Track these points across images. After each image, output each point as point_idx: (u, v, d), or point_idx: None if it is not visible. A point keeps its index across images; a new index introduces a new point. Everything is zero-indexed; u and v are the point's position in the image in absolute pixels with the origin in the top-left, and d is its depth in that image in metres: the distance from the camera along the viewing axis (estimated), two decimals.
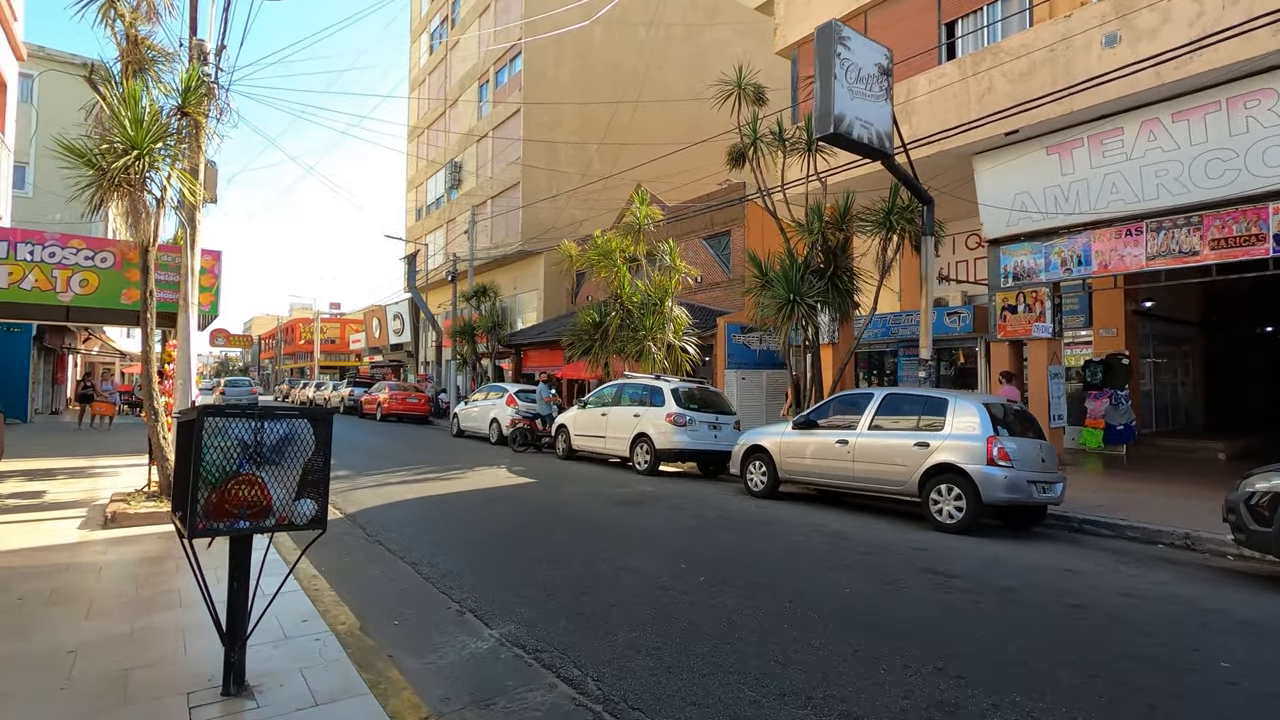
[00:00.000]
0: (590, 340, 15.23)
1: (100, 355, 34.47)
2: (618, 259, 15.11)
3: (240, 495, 2.96)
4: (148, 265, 7.79)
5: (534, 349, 22.61)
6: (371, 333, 46.59)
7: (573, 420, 13.14)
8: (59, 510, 7.42)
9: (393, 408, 24.34)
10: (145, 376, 7.73)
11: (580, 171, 28.23)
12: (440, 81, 36.00)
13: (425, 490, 9.52)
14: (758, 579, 5.39)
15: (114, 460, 11.85)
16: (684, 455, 11.14)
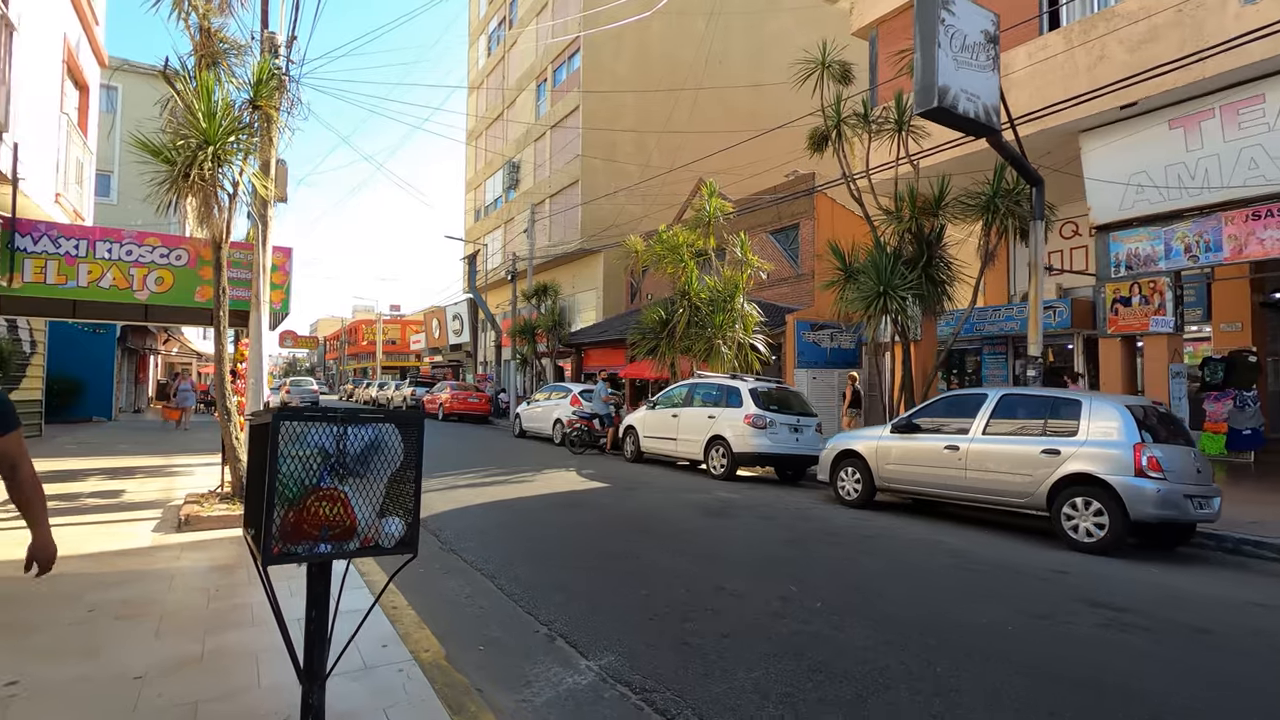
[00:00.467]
0: (656, 339, 14.69)
1: (179, 356, 35.96)
2: (685, 254, 14.52)
3: (321, 513, 2.50)
4: (220, 262, 7.63)
5: (595, 348, 22.24)
6: (431, 333, 47.28)
7: (641, 422, 12.62)
8: (135, 511, 7.32)
9: (454, 407, 24.38)
10: (217, 376, 7.57)
11: (639, 168, 27.77)
12: (498, 83, 36.14)
13: (495, 494, 9.14)
14: (885, 607, 4.71)
15: (190, 459, 11.95)
16: (763, 459, 10.46)
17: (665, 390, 12.80)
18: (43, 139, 8.44)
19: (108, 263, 7.74)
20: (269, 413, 2.52)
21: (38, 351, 15.75)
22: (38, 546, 2.84)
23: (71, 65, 9.79)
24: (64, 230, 7.60)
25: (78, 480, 9.32)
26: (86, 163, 10.28)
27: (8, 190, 7.24)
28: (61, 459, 11.48)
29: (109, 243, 7.76)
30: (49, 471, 9.93)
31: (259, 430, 2.82)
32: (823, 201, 18.89)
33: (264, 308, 8.36)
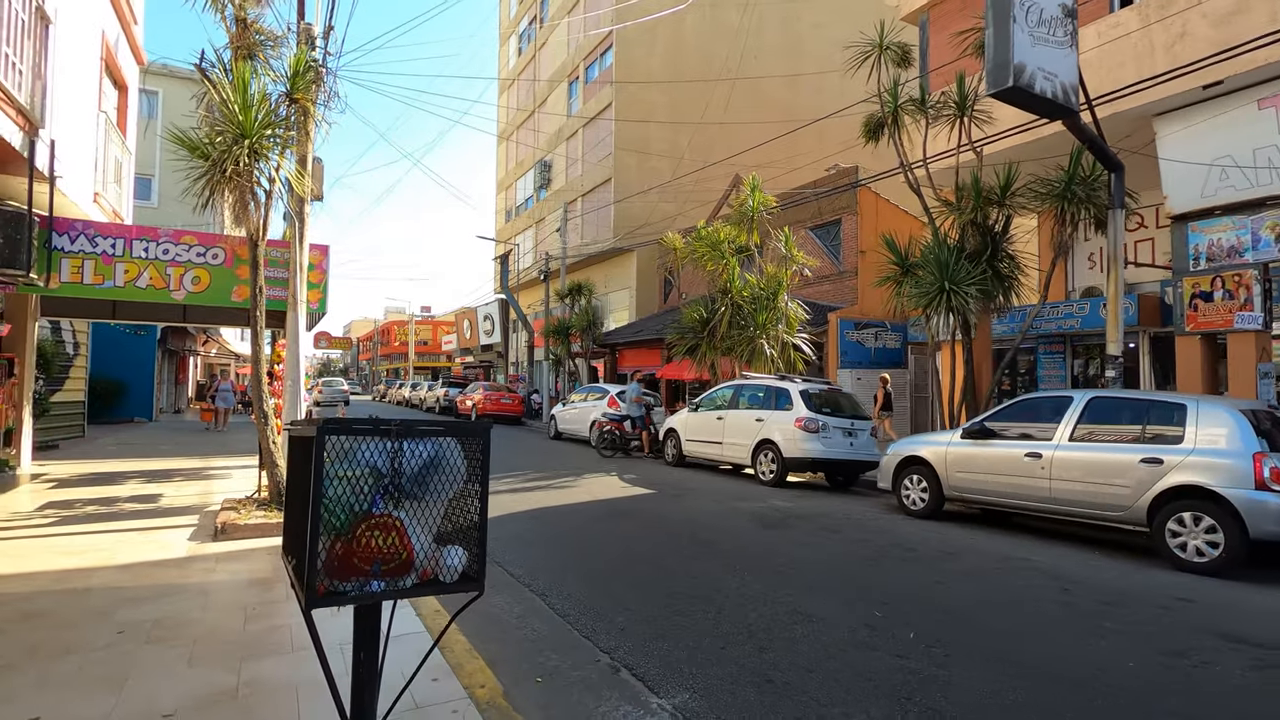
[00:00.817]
0: (696, 338, 14.21)
1: (217, 357, 36.51)
2: (726, 250, 14.03)
3: (373, 544, 2.11)
4: (257, 260, 7.39)
5: (629, 348, 21.84)
6: (463, 334, 47.43)
7: (684, 424, 12.16)
8: (171, 517, 7.10)
9: (487, 408, 24.18)
10: (254, 378, 7.32)
11: (672, 165, 27.32)
12: (529, 82, 35.99)
13: (537, 501, 8.77)
14: (993, 642, 4.19)
15: (228, 461, 11.83)
16: (816, 465, 9.93)
17: (708, 392, 12.32)
18: (81, 137, 8.31)
19: (144, 262, 7.55)
20: (312, 424, 2.14)
21: (80, 353, 15.88)
22: None
23: (110, 64, 9.69)
24: (100, 229, 7.43)
25: (117, 483, 9.19)
26: (125, 163, 10.18)
27: (45, 189, 7.08)
28: (102, 460, 11.45)
29: (145, 241, 7.57)
30: (90, 474, 9.85)
31: (300, 444, 2.45)
32: (866, 196, 18.23)
33: (301, 307, 8.11)
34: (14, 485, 8.89)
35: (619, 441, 13.80)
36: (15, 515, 7.02)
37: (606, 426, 13.89)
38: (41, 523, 6.70)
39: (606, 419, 14.04)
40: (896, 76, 10.63)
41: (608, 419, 14.02)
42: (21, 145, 6.30)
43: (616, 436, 13.81)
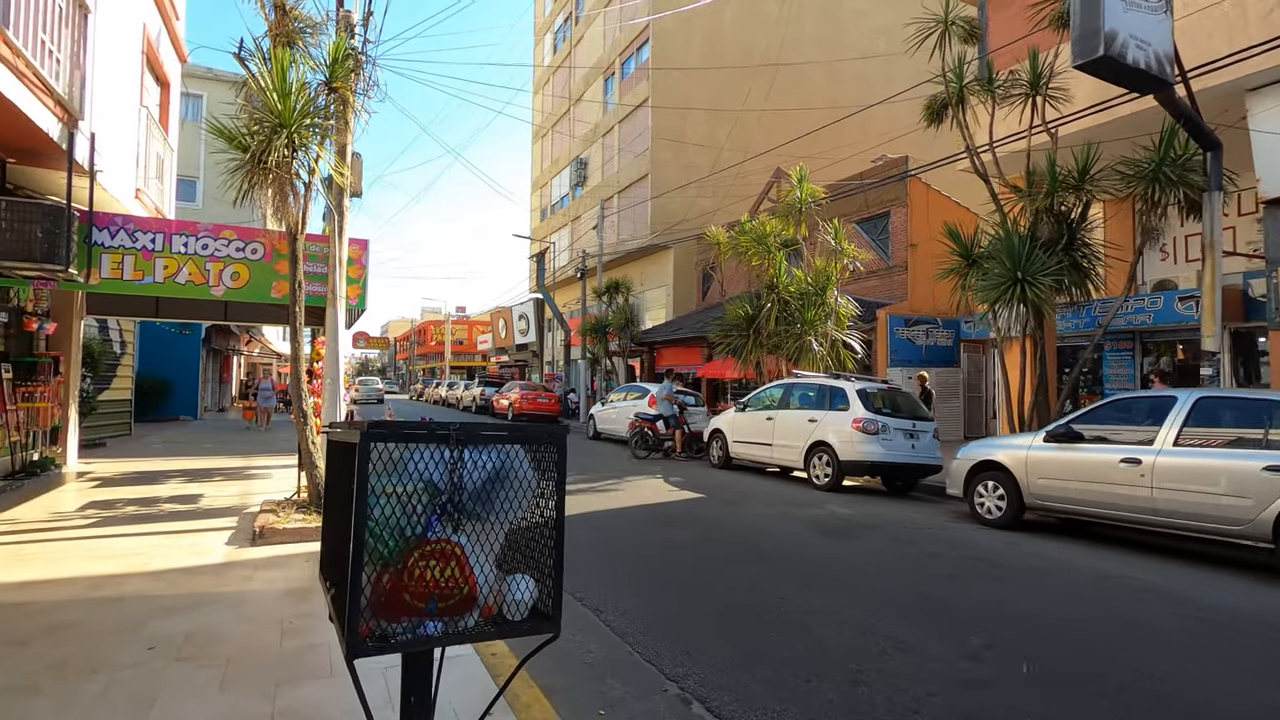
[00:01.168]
0: (741, 336, 13.70)
1: (260, 356, 37.13)
2: (772, 244, 13.49)
3: (428, 576, 1.72)
4: (296, 254, 7.15)
5: (667, 347, 21.39)
6: (498, 333, 47.55)
7: (731, 425, 11.67)
8: (209, 520, 6.89)
9: (524, 408, 23.98)
10: (293, 376, 7.08)
11: (710, 160, 26.78)
12: (564, 79, 35.79)
13: (582, 505, 8.40)
14: (1139, 680, 3.62)
15: (268, 460, 11.73)
16: (875, 469, 9.35)
17: (757, 391, 11.81)
18: (122, 132, 8.20)
19: (184, 257, 7.39)
20: (354, 428, 1.75)
21: (127, 352, 16.08)
22: None
23: (151, 58, 9.62)
24: (140, 223, 7.28)
25: (158, 483, 9.10)
26: (167, 160, 10.10)
27: (85, 183, 6.94)
28: (146, 459, 11.44)
29: (185, 236, 7.40)
30: (133, 473, 9.80)
31: (339, 451, 2.07)
32: (916, 187, 17.49)
33: (340, 303, 7.87)
34: (59, 484, 8.85)
35: (652, 442, 13.30)
36: (56, 516, 6.89)
37: (639, 426, 13.41)
38: (80, 524, 6.55)
39: (640, 419, 13.55)
40: (962, 54, 9.95)
41: (641, 419, 13.52)
42: (60, 137, 6.14)
43: (649, 437, 13.32)
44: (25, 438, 9.13)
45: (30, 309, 9.38)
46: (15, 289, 8.93)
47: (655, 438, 13.28)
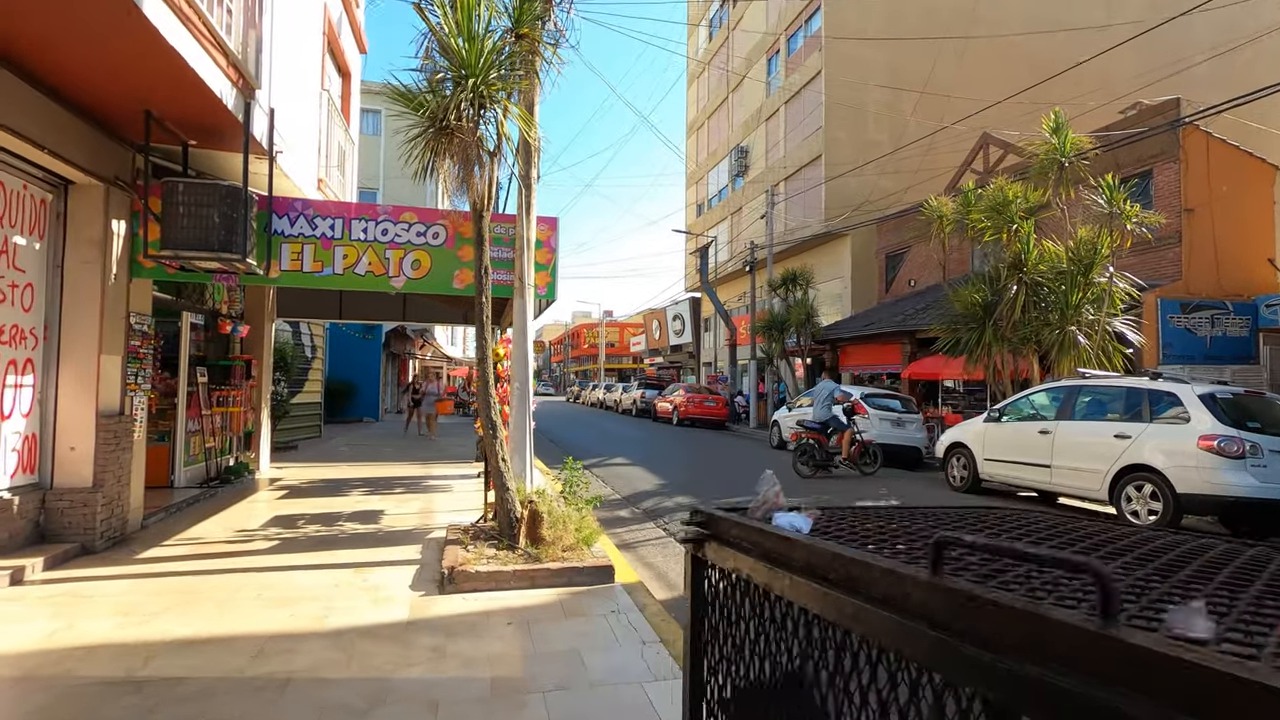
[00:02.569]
0: (973, 328, 11.17)
1: (432, 360, 38.99)
2: (1015, 212, 10.83)
3: None
4: (482, 234, 5.98)
5: (855, 345, 18.90)
6: (651, 335, 46.84)
7: (979, 438, 9.27)
8: (392, 547, 5.89)
9: (689, 411, 22.55)
10: (481, 379, 5.91)
11: (891, 137, 23.85)
12: (721, 67, 34.10)
13: None
14: None
15: (445, 468, 11.05)
16: (1236, 508, 6.60)
17: (1015, 398, 9.31)
18: (303, 115, 7.60)
19: (363, 245, 6.51)
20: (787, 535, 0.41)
21: (318, 356, 16.55)
22: None
23: (333, 43, 9.15)
24: (319, 208, 6.50)
25: (341, 493, 8.50)
26: (349, 153, 9.61)
27: (264, 167, 6.24)
28: (332, 464, 11.19)
29: (364, 221, 6.53)
30: (318, 481, 9.35)
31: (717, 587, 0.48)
32: (1194, 138, 13.79)
33: (529, 291, 6.65)
34: (251, 491, 8.49)
35: (820, 457, 10.72)
36: (239, 535, 6.22)
37: (804, 438, 10.90)
38: (261, 548, 5.77)
39: (803, 428, 11.04)
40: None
41: (805, 428, 11.00)
42: (235, 105, 5.36)
43: (816, 450, 10.73)
44: (220, 443, 8.91)
45: (225, 311, 9.20)
46: (210, 290, 8.71)
47: (824, 451, 10.76)
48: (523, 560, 5.10)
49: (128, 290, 6.02)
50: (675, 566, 5.89)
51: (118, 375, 5.87)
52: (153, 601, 4.36)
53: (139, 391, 6.18)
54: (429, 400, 16.27)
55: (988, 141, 19.51)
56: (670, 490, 9.70)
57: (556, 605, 4.52)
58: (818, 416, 11.01)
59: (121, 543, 5.78)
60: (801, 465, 10.76)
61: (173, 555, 5.50)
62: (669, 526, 7.36)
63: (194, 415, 8.32)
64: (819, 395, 11.27)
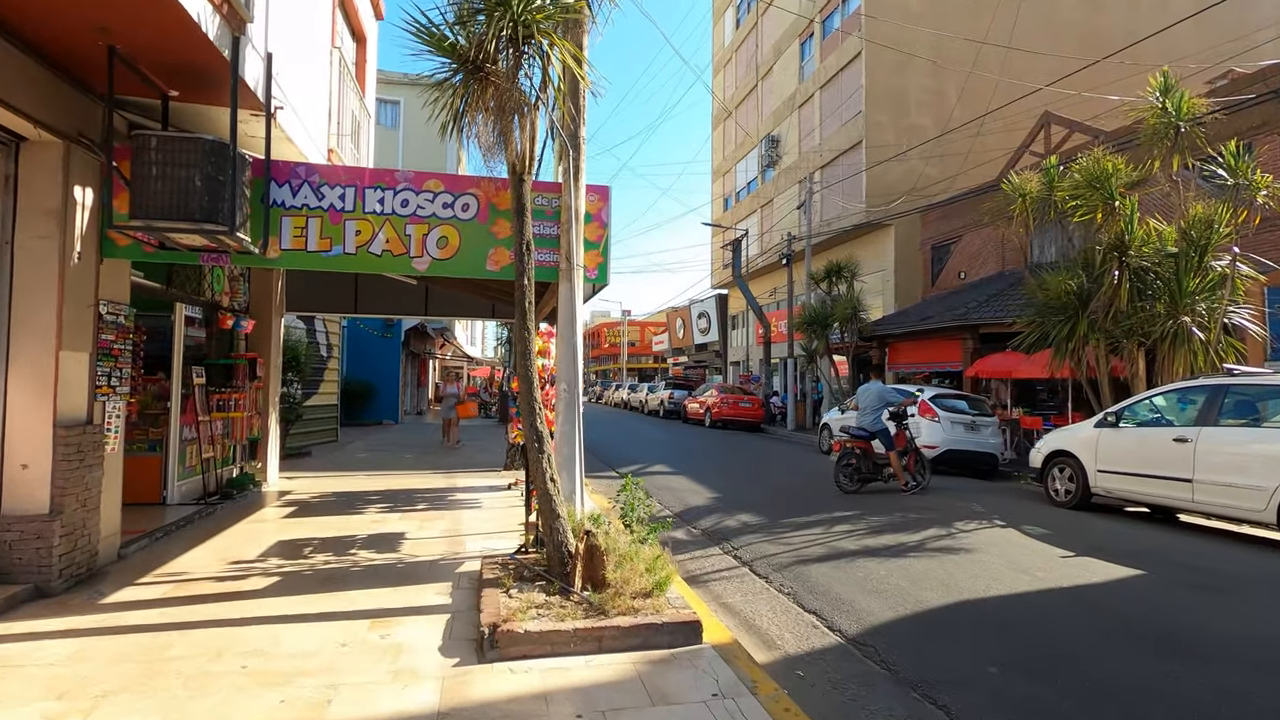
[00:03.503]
0: (1064, 319, 9.85)
1: (452, 360, 38.12)
2: (1114, 187, 9.50)
3: None
4: (523, 202, 4.86)
5: (905, 341, 17.54)
6: (674, 333, 45.67)
7: (1089, 446, 7.97)
8: (415, 586, 4.78)
9: (723, 413, 21.32)
10: (521, 380, 4.79)
11: (937, 120, 22.45)
12: (749, 55, 32.82)
13: (931, 574, 5.39)
14: None
15: (472, 479, 9.98)
16: None
17: (1135, 399, 8.01)
18: (310, 72, 6.53)
19: (379, 218, 5.41)
20: None
21: (334, 355, 15.57)
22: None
23: (346, 3, 8.08)
24: (326, 174, 5.41)
25: (356, 509, 7.42)
26: (365, 125, 8.56)
27: (259, 128, 5.16)
28: (348, 474, 10.15)
29: (381, 190, 5.43)
30: (332, 495, 8.29)
31: None
32: None
33: (577, 274, 5.52)
34: (255, 507, 7.45)
35: (868, 470, 9.19)
36: (233, 567, 5.14)
37: (849, 447, 9.36)
38: (256, 587, 4.69)
39: (848, 436, 9.51)
40: None
41: (850, 436, 9.46)
42: (219, 38, 4.27)
43: (863, 461, 9.17)
44: (221, 452, 7.88)
45: (226, 303, 8.18)
46: (209, 279, 7.68)
47: (872, 464, 9.23)
48: (583, 612, 3.96)
49: (97, 273, 4.97)
50: (764, 610, 4.73)
51: (84, 376, 4.82)
52: (103, 675, 3.28)
53: (114, 395, 5.13)
54: (447, 403, 14.32)
55: (1049, 120, 18.08)
56: (726, 505, 8.52)
57: (635, 681, 3.38)
58: (864, 423, 9.47)
59: (87, 580, 4.72)
60: (843, 478, 9.23)
61: (146, 599, 4.43)
62: (741, 554, 6.19)
63: (189, 421, 7.30)
64: (865, 398, 9.69)
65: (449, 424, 14.12)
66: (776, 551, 6.23)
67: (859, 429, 9.45)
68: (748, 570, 5.76)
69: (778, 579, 5.42)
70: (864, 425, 9.42)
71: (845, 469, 9.24)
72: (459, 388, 14.77)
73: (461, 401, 14.04)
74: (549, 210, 5.70)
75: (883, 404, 9.47)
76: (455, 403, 14.10)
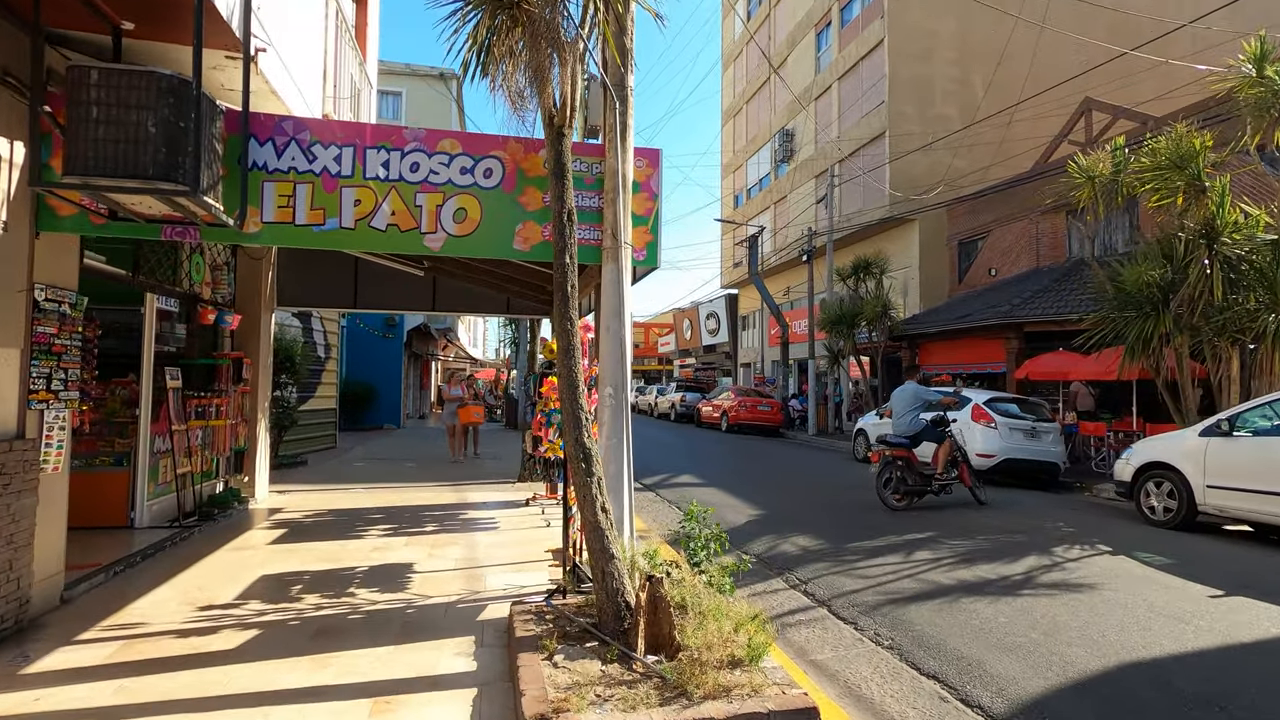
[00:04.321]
0: (1149, 313, 8.86)
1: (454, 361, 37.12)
2: (1201, 167, 8.51)
3: None
4: (563, 161, 3.89)
5: (939, 341, 16.53)
6: (681, 335, 44.72)
7: (1194, 458, 6.95)
8: (427, 645, 3.78)
9: (740, 416, 20.32)
10: (562, 382, 3.81)
11: (962, 112, 21.51)
12: (761, 48, 31.85)
13: (1061, 618, 4.41)
14: None
15: (483, 492, 8.99)
16: None
17: (1254, 403, 6.98)
18: (302, 22, 5.54)
19: (383, 185, 4.42)
20: None
21: (332, 356, 14.58)
22: None
23: None
24: (318, 131, 4.41)
25: (355, 533, 6.42)
26: (366, 94, 7.56)
27: (234, 76, 4.18)
28: (346, 486, 9.15)
29: (385, 150, 4.44)
30: (328, 513, 7.28)
31: None
32: None
33: (625, 254, 4.53)
34: (240, 529, 6.46)
35: (914, 483, 8.10)
36: (200, 616, 4.14)
37: (889, 457, 8.25)
38: (226, 646, 3.69)
39: (886, 444, 8.37)
40: None
41: (889, 444, 8.33)
42: None
43: (905, 474, 8.10)
44: (202, 465, 6.89)
45: (208, 296, 7.19)
46: (186, 264, 6.69)
47: (915, 474, 8.16)
48: (657, 693, 2.95)
49: (31, 250, 3.99)
50: (867, 672, 3.74)
51: (12, 378, 3.83)
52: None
53: (55, 402, 4.14)
54: (449, 409, 12.54)
55: (1089, 107, 17.10)
56: (774, 524, 7.52)
57: None
58: (901, 428, 8.42)
59: (13, 637, 3.74)
60: (887, 494, 8.19)
61: (83, 667, 3.43)
62: (813, 589, 5.20)
63: (162, 431, 6.30)
64: (899, 401, 8.64)
65: (453, 431, 12.38)
66: (855, 586, 5.23)
67: (897, 436, 8.39)
68: (827, 612, 4.76)
69: (870, 626, 4.42)
70: (901, 431, 8.39)
71: (887, 483, 8.20)
72: (463, 390, 12.87)
73: (465, 405, 12.29)
74: (588, 178, 4.71)
75: (919, 404, 8.51)
76: (458, 407, 12.33)
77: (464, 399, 12.54)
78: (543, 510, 7.66)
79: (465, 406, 12.34)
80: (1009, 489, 10.04)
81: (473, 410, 12.47)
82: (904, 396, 8.63)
